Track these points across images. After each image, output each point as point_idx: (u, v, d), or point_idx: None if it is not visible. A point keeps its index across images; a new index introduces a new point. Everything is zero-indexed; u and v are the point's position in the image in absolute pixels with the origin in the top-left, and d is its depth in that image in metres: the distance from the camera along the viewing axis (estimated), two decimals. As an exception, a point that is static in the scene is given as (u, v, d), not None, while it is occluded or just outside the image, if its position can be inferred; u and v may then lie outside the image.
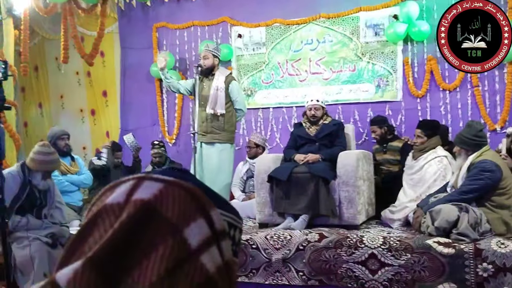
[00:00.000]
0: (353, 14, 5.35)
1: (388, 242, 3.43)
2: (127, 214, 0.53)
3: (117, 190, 0.56)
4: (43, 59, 6.93)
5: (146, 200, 0.54)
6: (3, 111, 1.97)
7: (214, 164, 4.56)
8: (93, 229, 0.54)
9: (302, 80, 5.62)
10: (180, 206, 0.55)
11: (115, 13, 6.27)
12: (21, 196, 3.45)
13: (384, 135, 4.84)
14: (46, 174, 3.57)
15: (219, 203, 0.59)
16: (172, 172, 0.60)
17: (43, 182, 3.56)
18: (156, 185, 0.56)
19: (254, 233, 3.93)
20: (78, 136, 6.58)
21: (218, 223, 0.57)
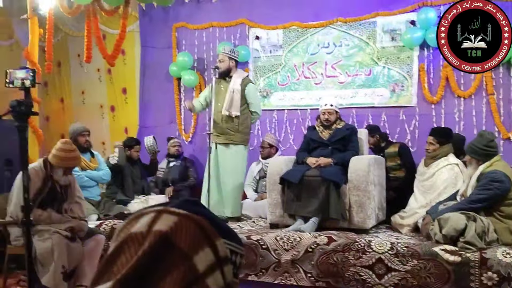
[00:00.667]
0: (370, 19, 5.39)
1: (396, 247, 3.50)
2: (149, 244, 0.67)
3: (141, 221, 0.71)
4: (66, 55, 7.12)
5: (164, 232, 0.68)
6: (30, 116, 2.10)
7: (228, 164, 4.68)
8: (120, 254, 0.68)
9: (317, 83, 5.69)
10: (191, 237, 0.69)
11: (136, 12, 6.40)
12: (43, 191, 3.60)
13: (378, 143, 4.92)
14: (67, 170, 3.71)
15: (224, 233, 0.74)
16: (187, 204, 0.74)
17: (64, 178, 3.71)
18: (172, 218, 0.70)
19: (265, 233, 4.03)
20: (97, 132, 6.74)
21: (222, 251, 0.72)
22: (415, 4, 5.16)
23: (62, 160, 3.63)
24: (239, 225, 4.53)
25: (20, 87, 2.36)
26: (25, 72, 2.38)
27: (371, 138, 4.87)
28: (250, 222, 4.74)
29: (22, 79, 2.37)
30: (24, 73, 2.38)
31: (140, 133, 6.49)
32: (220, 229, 0.73)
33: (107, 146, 6.90)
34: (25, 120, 2.10)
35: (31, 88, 2.36)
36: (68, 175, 3.73)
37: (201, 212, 0.73)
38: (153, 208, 0.73)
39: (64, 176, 3.69)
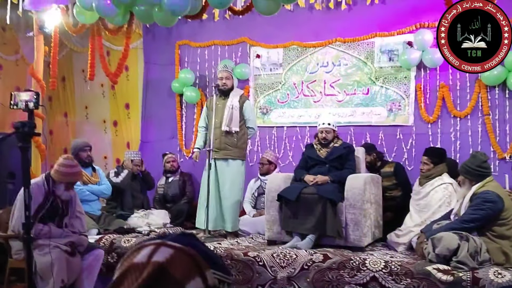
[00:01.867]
0: (369, 39, 5.50)
1: (390, 266, 3.55)
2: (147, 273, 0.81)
3: (142, 252, 0.85)
4: (70, 70, 7.25)
5: (161, 263, 0.82)
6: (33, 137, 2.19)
7: (227, 179, 4.77)
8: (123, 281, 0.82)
9: (316, 101, 5.79)
10: (184, 268, 0.83)
11: (140, 29, 6.54)
12: (44, 206, 3.67)
13: (374, 161, 4.99)
14: (69, 185, 3.79)
15: (213, 264, 0.87)
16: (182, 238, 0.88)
17: (66, 193, 3.78)
18: (169, 251, 0.84)
19: (262, 250, 4.09)
20: (100, 146, 6.86)
21: (210, 280, 0.85)
22: (412, 25, 5.26)
23: (64, 175, 3.71)
24: (237, 241, 4.59)
25: (24, 109, 2.46)
26: (29, 94, 2.48)
27: (368, 156, 4.95)
28: (248, 238, 4.79)
29: (26, 101, 2.47)
30: (28, 95, 2.48)
31: (142, 147, 6.59)
32: (210, 260, 0.86)
33: (109, 161, 7.00)
34: (28, 140, 2.18)
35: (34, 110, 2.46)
36: (70, 190, 3.81)
37: (194, 245, 0.86)
38: (153, 241, 0.87)
39: (66, 191, 3.77)
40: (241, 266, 3.92)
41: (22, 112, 2.71)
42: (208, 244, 4.22)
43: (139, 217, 5.20)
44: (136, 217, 5.21)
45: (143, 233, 4.82)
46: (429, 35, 5.13)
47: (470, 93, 5.09)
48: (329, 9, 5.65)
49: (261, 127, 6.04)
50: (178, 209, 5.46)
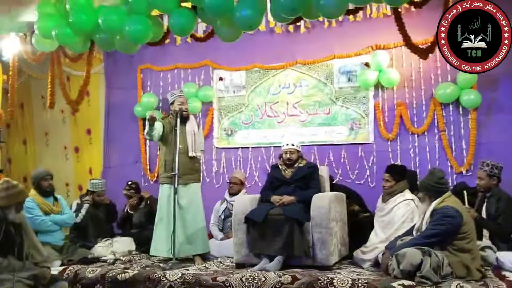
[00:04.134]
0: (328, 61, 5.67)
1: (356, 284, 3.60)
2: None
3: None
4: (29, 97, 7.11)
5: None
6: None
7: (191, 204, 4.73)
8: None
9: (280, 122, 5.89)
10: None
11: (101, 54, 6.50)
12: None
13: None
14: (18, 206, 3.62)
15: None
16: None
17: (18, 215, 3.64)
18: None
19: (231, 274, 4.07)
20: (61, 173, 6.70)
21: None
22: (368, 47, 5.46)
23: (10, 198, 3.57)
24: (205, 265, 4.55)
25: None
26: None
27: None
28: (217, 262, 4.76)
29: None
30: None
31: (105, 173, 6.49)
32: None
33: (71, 188, 6.86)
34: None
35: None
36: (19, 212, 3.68)
37: None
38: None
39: (18, 214, 3.65)
40: None
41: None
42: (175, 270, 4.17)
43: (104, 246, 5.08)
44: (101, 246, 5.09)
45: (109, 262, 4.71)
46: (385, 56, 5.34)
47: (426, 110, 5.31)
48: (289, 32, 5.80)
49: (226, 148, 6.10)
50: (144, 235, 5.37)
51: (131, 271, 4.22)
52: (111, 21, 4.02)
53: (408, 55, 5.21)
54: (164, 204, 4.75)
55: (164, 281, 4.01)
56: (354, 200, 5.00)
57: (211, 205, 5.46)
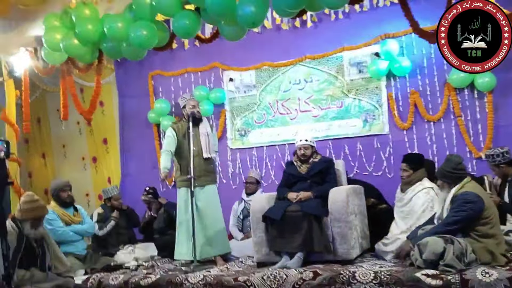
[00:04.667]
0: (337, 54, 5.61)
1: (379, 276, 3.55)
2: None
3: None
4: (45, 111, 7.22)
5: None
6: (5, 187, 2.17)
7: (208, 205, 4.74)
8: None
9: (292, 119, 5.85)
10: None
11: (111, 64, 6.56)
12: (20, 248, 3.60)
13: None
14: (34, 222, 3.71)
15: None
16: None
17: (34, 231, 3.71)
18: None
19: (252, 273, 4.06)
20: (80, 184, 6.79)
21: None
22: (378, 36, 5.39)
23: (27, 212, 3.67)
24: (227, 266, 4.55)
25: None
26: (0, 144, 2.47)
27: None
28: (238, 262, 4.76)
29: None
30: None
31: (123, 181, 6.55)
32: None
33: (91, 198, 6.93)
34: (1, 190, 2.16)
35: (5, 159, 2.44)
36: (38, 228, 3.74)
37: None
38: None
39: (33, 230, 3.70)
40: None
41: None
42: (197, 273, 4.18)
43: (126, 253, 5.12)
44: (123, 253, 5.13)
45: (131, 269, 4.75)
46: (394, 45, 5.26)
47: (441, 97, 5.21)
48: (296, 28, 5.76)
49: (240, 149, 6.09)
50: (165, 241, 5.39)
51: (154, 276, 4.24)
52: (117, 29, 4.05)
53: (418, 42, 5.13)
54: (182, 208, 4.76)
55: (187, 284, 4.02)
56: (369, 193, 4.93)
57: (229, 206, 5.46)
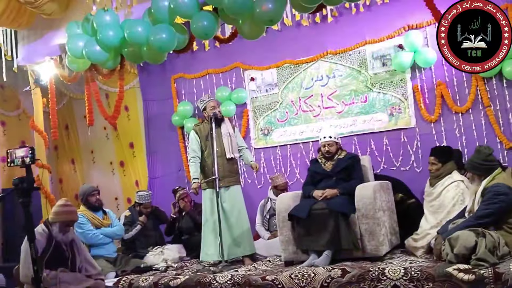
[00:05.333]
0: (359, 48, 5.52)
1: (409, 273, 3.48)
2: None
3: None
4: (72, 117, 7.37)
5: None
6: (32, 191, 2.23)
7: (234, 206, 4.74)
8: None
9: (316, 116, 5.79)
10: None
11: (135, 69, 6.64)
12: (48, 249, 3.75)
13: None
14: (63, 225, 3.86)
15: None
16: None
17: (62, 235, 3.86)
18: None
19: (280, 272, 4.04)
20: (109, 188, 6.92)
21: None
22: (400, 28, 5.28)
23: (58, 214, 3.84)
24: (254, 266, 4.54)
25: (21, 165, 2.50)
26: (24, 150, 2.53)
27: None
28: (266, 261, 4.75)
29: (22, 157, 2.51)
30: (23, 151, 2.52)
31: (150, 184, 6.62)
32: None
33: (120, 201, 7.03)
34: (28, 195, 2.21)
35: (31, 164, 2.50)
36: (67, 232, 3.87)
37: None
38: None
39: (63, 234, 3.84)
40: None
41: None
42: (225, 273, 4.18)
43: (155, 255, 5.18)
44: (152, 254, 5.20)
45: (161, 270, 4.79)
46: (418, 36, 5.14)
47: (468, 87, 5.06)
48: (316, 23, 5.70)
49: (264, 148, 6.07)
50: (194, 241, 5.43)
51: (183, 277, 4.27)
52: (137, 33, 4.09)
53: (442, 32, 5.00)
54: (208, 209, 4.78)
55: (215, 284, 4.03)
56: (398, 188, 4.84)
57: (255, 206, 5.45)
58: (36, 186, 2.31)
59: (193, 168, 4.85)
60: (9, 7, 4.50)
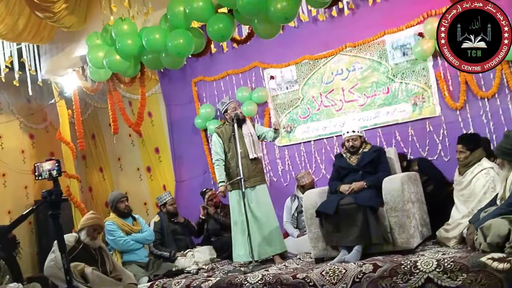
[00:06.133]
0: (379, 39, 5.45)
1: (443, 264, 3.41)
2: None
3: None
4: (98, 126, 7.50)
5: None
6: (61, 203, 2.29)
7: (261, 205, 4.74)
8: None
9: (338, 110, 5.75)
10: None
11: (156, 75, 6.73)
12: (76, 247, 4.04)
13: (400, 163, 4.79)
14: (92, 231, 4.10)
15: None
16: None
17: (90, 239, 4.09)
18: None
19: (310, 270, 4.02)
20: (138, 194, 7.02)
21: None
22: (420, 16, 5.19)
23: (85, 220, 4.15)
24: (285, 264, 4.53)
25: (48, 178, 2.57)
26: (50, 163, 2.59)
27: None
28: (296, 259, 4.73)
29: (49, 170, 2.58)
30: (50, 164, 2.59)
31: (178, 188, 6.69)
32: None
33: (149, 206, 7.12)
34: (57, 207, 2.26)
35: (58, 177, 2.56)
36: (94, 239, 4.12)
37: None
38: None
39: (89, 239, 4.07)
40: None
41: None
42: (256, 272, 4.19)
43: (186, 258, 5.23)
44: (183, 258, 5.25)
45: (192, 273, 4.84)
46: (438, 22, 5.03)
47: (493, 71, 4.93)
48: (333, 17, 5.66)
49: (288, 145, 6.05)
50: (223, 242, 5.46)
51: (214, 279, 4.29)
52: (154, 40, 4.14)
53: (463, 17, 4.88)
54: (236, 210, 4.79)
55: (246, 285, 4.03)
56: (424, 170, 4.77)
57: (282, 204, 5.44)
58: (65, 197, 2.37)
59: (218, 171, 4.88)
60: (30, 22, 4.60)
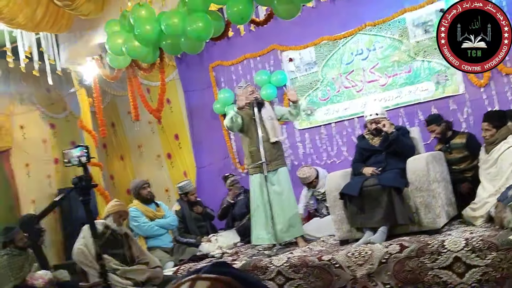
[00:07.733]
0: (399, 17, 5.33)
1: (471, 243, 3.37)
2: None
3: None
4: (117, 115, 7.54)
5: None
6: (91, 189, 2.31)
7: (283, 188, 4.70)
8: None
9: (359, 91, 5.67)
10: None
11: (173, 61, 6.71)
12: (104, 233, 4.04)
13: (445, 131, 4.75)
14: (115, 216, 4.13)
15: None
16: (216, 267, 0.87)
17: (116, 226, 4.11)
18: (205, 284, 0.83)
19: (335, 251, 4.01)
20: (159, 181, 7.06)
21: None
22: (441, -9, 5.06)
23: (110, 207, 4.20)
24: (309, 247, 4.52)
25: (78, 164, 2.59)
26: (79, 150, 2.61)
27: (437, 127, 4.73)
28: (320, 241, 4.72)
29: (78, 157, 2.59)
30: (79, 151, 2.61)
31: (198, 173, 6.71)
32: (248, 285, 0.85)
33: (171, 193, 7.16)
34: (87, 194, 2.28)
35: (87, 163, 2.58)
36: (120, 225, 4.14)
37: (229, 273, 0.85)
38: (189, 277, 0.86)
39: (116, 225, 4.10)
40: (318, 271, 3.86)
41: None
42: (280, 255, 4.20)
43: (210, 243, 5.26)
44: (208, 243, 5.28)
45: (216, 257, 4.87)
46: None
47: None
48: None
49: (308, 128, 6.00)
50: (245, 226, 5.47)
51: (239, 262, 4.32)
52: (173, 25, 4.11)
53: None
54: (257, 193, 4.76)
55: (272, 267, 4.05)
56: None
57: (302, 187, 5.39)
58: (94, 183, 2.39)
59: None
60: (48, 11, 4.60)
